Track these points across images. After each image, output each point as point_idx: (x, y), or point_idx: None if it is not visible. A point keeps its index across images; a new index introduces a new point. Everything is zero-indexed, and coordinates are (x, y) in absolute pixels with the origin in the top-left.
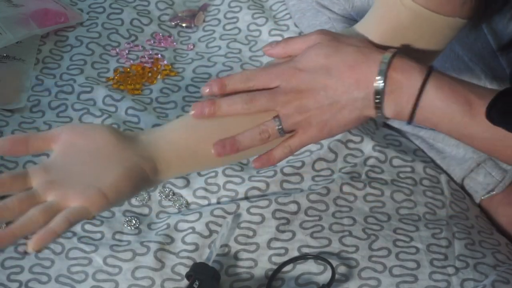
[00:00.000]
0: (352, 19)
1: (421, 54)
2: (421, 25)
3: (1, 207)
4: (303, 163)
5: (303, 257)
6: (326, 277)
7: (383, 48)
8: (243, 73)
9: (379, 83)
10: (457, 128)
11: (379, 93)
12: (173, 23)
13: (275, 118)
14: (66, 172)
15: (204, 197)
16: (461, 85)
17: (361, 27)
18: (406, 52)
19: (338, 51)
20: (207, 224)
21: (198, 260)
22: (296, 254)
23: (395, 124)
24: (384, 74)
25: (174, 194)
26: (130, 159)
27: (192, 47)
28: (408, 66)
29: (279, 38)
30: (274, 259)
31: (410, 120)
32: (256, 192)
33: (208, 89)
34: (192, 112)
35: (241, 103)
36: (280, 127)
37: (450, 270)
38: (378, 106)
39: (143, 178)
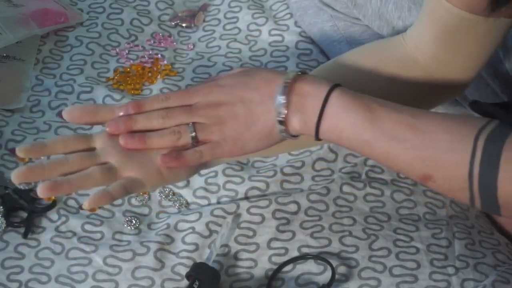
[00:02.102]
0: (354, 17)
1: (475, 56)
2: (467, 28)
3: (62, 161)
4: (303, 163)
5: (303, 257)
6: (326, 277)
7: None
8: (160, 94)
9: (284, 93)
10: (358, 134)
11: (284, 106)
12: (173, 23)
13: (190, 124)
14: None
15: (204, 197)
16: (363, 96)
17: (411, 38)
18: (459, 54)
19: (255, 71)
20: (207, 224)
21: (198, 260)
22: (296, 254)
23: None
24: (292, 85)
25: (174, 194)
26: None
27: (192, 47)
28: (316, 80)
29: (279, 38)
30: (274, 259)
31: (317, 131)
32: (256, 192)
33: (122, 110)
34: (107, 129)
35: (157, 118)
36: (193, 134)
37: (450, 270)
38: (283, 119)
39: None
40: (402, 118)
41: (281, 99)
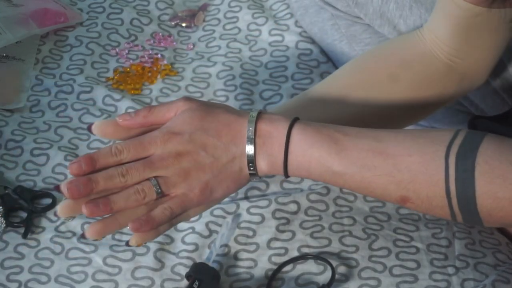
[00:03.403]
0: (355, 15)
1: (492, 47)
2: (481, 21)
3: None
4: None
5: (303, 257)
6: (326, 277)
7: None
8: (112, 146)
9: (248, 137)
10: (327, 167)
11: (252, 152)
12: (173, 23)
13: (152, 179)
14: None
15: None
16: (325, 127)
17: (429, 33)
18: (478, 46)
19: (211, 113)
20: (207, 224)
21: (198, 260)
22: (296, 254)
23: None
24: (254, 126)
25: None
26: None
27: (192, 47)
28: (275, 118)
29: (279, 38)
30: (274, 259)
31: (285, 170)
32: (256, 192)
33: (75, 167)
34: (66, 192)
35: (118, 176)
36: (159, 190)
37: (450, 270)
38: (251, 161)
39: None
40: (368, 145)
41: (249, 147)
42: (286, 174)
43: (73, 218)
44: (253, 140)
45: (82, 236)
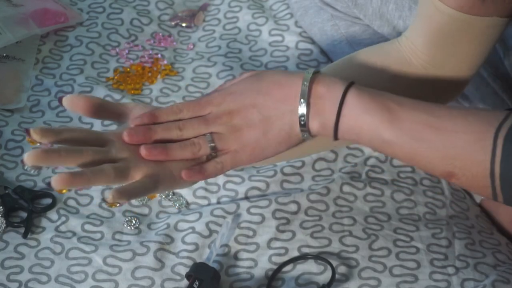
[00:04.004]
0: (355, 16)
1: (470, 56)
2: (460, 28)
3: (78, 150)
4: (303, 163)
5: (303, 257)
6: (326, 277)
7: None
8: (173, 106)
9: (303, 95)
10: (377, 135)
11: (305, 110)
12: (173, 23)
13: (208, 135)
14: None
15: (204, 197)
16: (380, 95)
17: (406, 41)
18: (454, 55)
19: (265, 75)
20: (207, 224)
21: (198, 260)
22: (296, 254)
23: None
24: (308, 87)
25: (174, 194)
26: None
27: (192, 47)
28: (330, 80)
29: (279, 38)
30: (274, 259)
31: (335, 132)
32: (256, 192)
33: (138, 122)
34: (126, 137)
35: (175, 129)
36: (212, 144)
37: (450, 270)
38: (303, 120)
39: None
40: (421, 118)
41: (302, 106)
42: (335, 136)
43: (39, 170)
44: (306, 100)
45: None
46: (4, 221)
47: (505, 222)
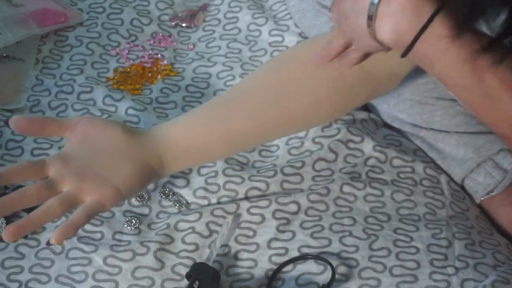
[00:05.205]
0: None
1: None
2: None
3: (21, 194)
4: (303, 163)
5: (303, 257)
6: (326, 277)
7: None
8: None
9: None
10: (452, 74)
11: (372, 13)
12: (173, 23)
13: None
14: (82, 164)
15: (204, 197)
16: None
17: None
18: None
19: None
20: (207, 224)
21: (198, 260)
22: (296, 254)
23: (395, 124)
24: None
25: (174, 194)
26: (140, 156)
27: (192, 47)
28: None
29: (279, 39)
30: (274, 259)
31: (407, 50)
32: (256, 192)
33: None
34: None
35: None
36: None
37: (450, 270)
38: (369, 24)
39: (151, 173)
40: (507, 78)
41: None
42: (404, 54)
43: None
44: (375, 8)
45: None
46: (4, 221)
47: (505, 223)
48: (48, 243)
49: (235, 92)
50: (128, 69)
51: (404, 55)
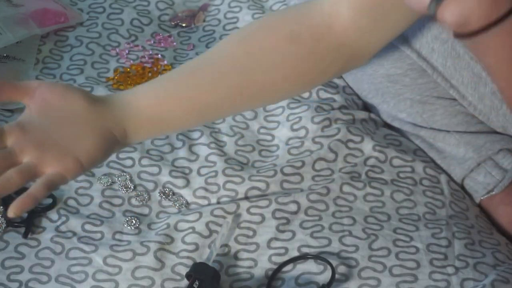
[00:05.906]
0: None
1: (394, 28)
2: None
3: None
4: (303, 163)
5: (303, 257)
6: (326, 277)
7: None
8: None
9: None
10: (509, 68)
11: None
12: (173, 23)
13: None
14: (42, 133)
15: (204, 197)
16: None
17: (331, 4)
18: (376, 28)
19: None
20: (207, 224)
21: (198, 260)
22: (296, 254)
23: (395, 123)
24: None
25: (174, 194)
26: (102, 125)
27: (192, 47)
28: None
29: None
30: (274, 259)
31: (470, 36)
32: (256, 192)
33: None
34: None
35: None
36: None
37: (450, 269)
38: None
39: (114, 142)
40: None
41: None
42: (467, 37)
43: None
44: None
45: None
46: (4, 221)
47: (505, 223)
48: (7, 217)
49: (203, 61)
50: (128, 69)
51: (459, 37)
